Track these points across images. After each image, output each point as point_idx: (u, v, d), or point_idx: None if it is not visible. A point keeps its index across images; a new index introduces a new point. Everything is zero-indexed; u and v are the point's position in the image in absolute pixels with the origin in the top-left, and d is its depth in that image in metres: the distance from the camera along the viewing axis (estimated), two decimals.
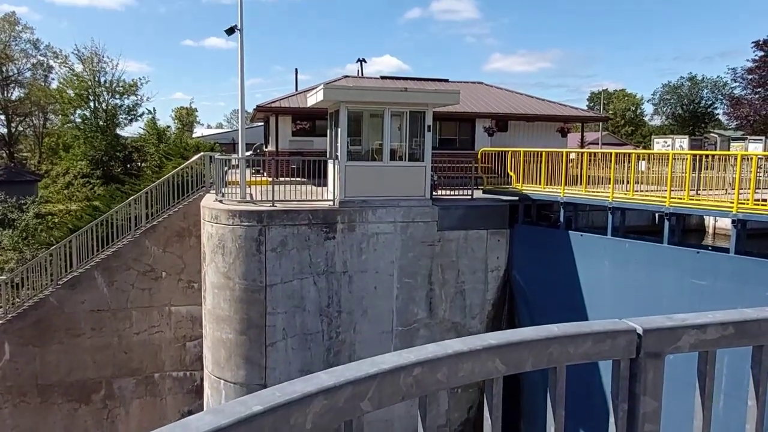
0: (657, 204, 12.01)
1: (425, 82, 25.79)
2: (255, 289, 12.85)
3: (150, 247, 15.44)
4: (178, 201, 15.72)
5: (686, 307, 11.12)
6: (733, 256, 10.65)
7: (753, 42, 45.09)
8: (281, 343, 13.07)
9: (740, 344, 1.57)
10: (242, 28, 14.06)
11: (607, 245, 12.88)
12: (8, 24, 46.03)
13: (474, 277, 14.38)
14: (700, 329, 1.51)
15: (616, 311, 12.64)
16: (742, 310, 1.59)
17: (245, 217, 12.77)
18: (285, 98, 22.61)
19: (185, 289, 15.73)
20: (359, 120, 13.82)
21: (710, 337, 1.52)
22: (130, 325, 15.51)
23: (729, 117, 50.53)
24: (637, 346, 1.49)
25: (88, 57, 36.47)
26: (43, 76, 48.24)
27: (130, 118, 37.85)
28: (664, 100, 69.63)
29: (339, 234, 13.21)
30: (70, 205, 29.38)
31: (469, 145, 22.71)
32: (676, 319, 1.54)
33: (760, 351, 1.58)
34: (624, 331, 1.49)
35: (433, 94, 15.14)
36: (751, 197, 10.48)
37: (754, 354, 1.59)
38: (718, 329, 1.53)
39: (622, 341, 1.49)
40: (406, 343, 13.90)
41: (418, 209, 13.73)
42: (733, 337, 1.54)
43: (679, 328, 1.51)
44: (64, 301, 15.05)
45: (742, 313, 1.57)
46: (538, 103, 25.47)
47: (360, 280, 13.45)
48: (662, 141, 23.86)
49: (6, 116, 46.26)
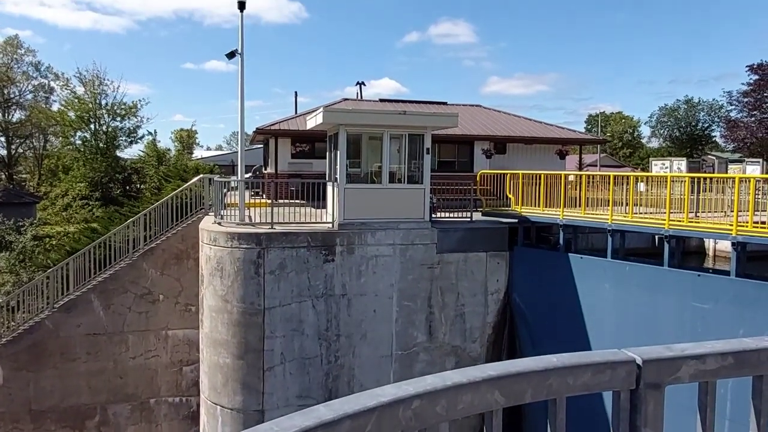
0: (656, 226, 12.01)
1: (424, 105, 26.04)
2: (253, 312, 12.76)
3: (148, 269, 15.37)
4: (176, 223, 15.71)
5: (688, 331, 11.07)
6: (734, 279, 10.61)
7: (747, 66, 45.83)
8: (279, 367, 12.92)
9: (740, 374, 1.57)
10: (243, 52, 14.25)
11: (607, 268, 12.84)
12: (11, 47, 46.69)
13: (474, 299, 14.30)
14: (699, 359, 1.51)
15: (617, 335, 12.54)
16: (741, 340, 1.58)
17: (244, 239, 12.75)
18: (284, 120, 22.79)
19: (182, 313, 15.62)
20: (358, 142, 13.90)
21: (710, 368, 1.52)
22: (126, 349, 15.35)
23: (726, 139, 50.95)
24: (636, 377, 1.48)
25: (89, 80, 36.88)
26: (45, 98, 48.75)
27: (131, 140, 38.10)
28: (662, 123, 70.31)
29: (338, 256, 13.17)
30: (69, 227, 29.36)
31: (468, 167, 22.82)
32: (675, 349, 1.54)
33: (760, 381, 1.57)
34: (623, 362, 1.49)
35: (432, 117, 15.27)
36: (750, 220, 10.49)
37: (754, 384, 1.58)
38: (718, 359, 1.53)
39: (622, 372, 1.48)
40: (405, 367, 13.75)
41: (417, 232, 13.72)
42: (732, 368, 1.54)
43: (678, 359, 1.51)
44: (60, 324, 14.92)
45: (742, 343, 1.57)
46: (536, 126, 25.68)
47: (359, 304, 13.36)
48: (660, 163, 24.01)
49: (6, 138, 46.56)
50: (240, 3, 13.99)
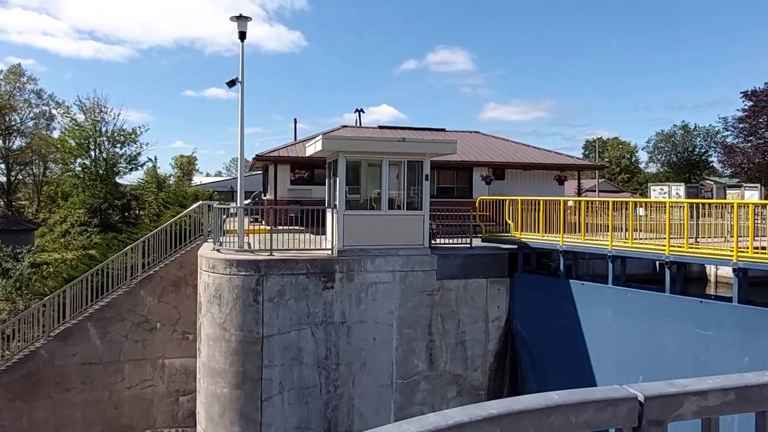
0: (657, 252, 11.98)
1: (423, 131, 26.29)
2: (251, 340, 12.62)
3: (145, 297, 15.27)
4: (175, 250, 15.66)
5: (691, 359, 10.94)
6: (736, 305, 10.53)
7: (742, 92, 46.49)
8: (277, 397, 12.71)
9: (742, 410, 1.56)
10: (243, 80, 14.44)
11: (608, 294, 12.76)
12: (14, 75, 47.38)
13: (475, 327, 14.17)
14: (701, 396, 1.51)
15: (620, 362, 12.39)
16: (743, 375, 1.58)
17: (243, 266, 12.70)
18: (284, 147, 22.97)
19: (180, 341, 15.44)
20: (357, 169, 13.97)
21: (712, 404, 1.52)
22: (121, 379, 15.13)
23: (723, 165, 51.32)
24: (639, 414, 1.48)
25: (90, 108, 37.27)
26: (46, 124, 49.26)
27: (131, 167, 38.30)
28: (659, 148, 70.93)
29: (337, 283, 13.10)
30: (66, 254, 29.26)
31: (467, 193, 22.91)
32: (677, 384, 1.53)
33: (763, 417, 1.56)
34: (625, 399, 1.48)
35: (431, 143, 15.39)
36: (750, 245, 10.46)
37: (757, 421, 1.57)
38: (720, 395, 1.52)
39: (624, 409, 1.47)
40: (406, 396, 13.53)
41: (417, 258, 13.68)
42: (735, 404, 1.53)
43: (680, 395, 1.50)
44: (55, 353, 14.73)
45: (744, 378, 1.56)
46: (534, 152, 25.88)
47: (359, 331, 13.23)
48: (659, 188, 24.07)
49: (6, 165, 46.85)
50: (241, 33, 14.25)
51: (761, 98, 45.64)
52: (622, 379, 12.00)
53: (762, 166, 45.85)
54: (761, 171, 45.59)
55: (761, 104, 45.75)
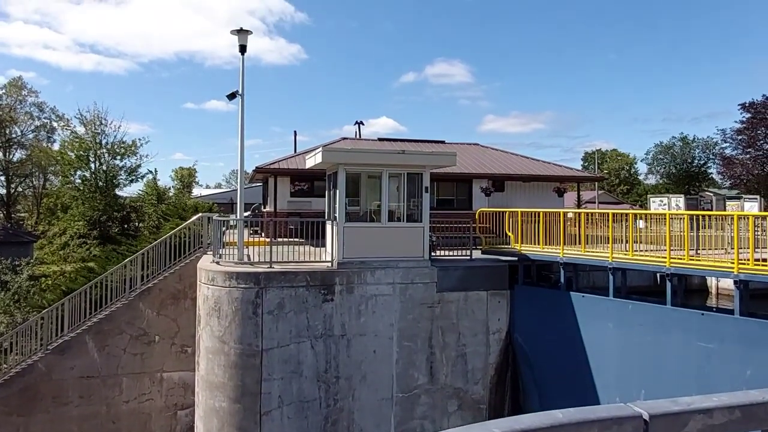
0: (658, 264, 11.94)
1: (422, 143, 26.36)
2: (250, 353, 12.53)
3: (144, 309, 15.19)
4: (174, 262, 15.61)
5: (693, 371, 10.85)
6: (738, 318, 10.47)
7: (740, 104, 46.77)
8: (276, 411, 12.59)
9: (748, 428, 1.54)
10: (243, 93, 14.50)
11: (609, 307, 12.70)
12: (15, 88, 47.61)
13: (475, 339, 14.08)
14: (706, 414, 1.49)
15: (621, 375, 12.29)
16: (747, 392, 1.56)
17: (242, 278, 12.64)
18: (284, 159, 23.01)
19: (178, 354, 15.33)
20: (357, 181, 13.98)
21: (717, 422, 1.50)
22: (119, 393, 14.99)
23: (722, 176, 51.44)
24: None
25: (90, 120, 37.37)
26: (47, 137, 49.40)
27: (131, 179, 38.31)
28: (658, 160, 71.08)
29: (337, 296, 13.04)
30: (65, 266, 29.16)
31: (466, 205, 22.91)
32: (681, 402, 1.51)
33: None
34: (630, 417, 1.45)
35: (430, 155, 15.41)
36: (751, 258, 10.44)
37: None
38: (725, 413, 1.51)
39: (629, 428, 1.45)
40: (406, 410, 13.41)
41: (417, 270, 13.63)
42: (740, 422, 1.51)
43: (685, 413, 1.48)
44: (53, 367, 14.62)
45: (748, 396, 1.54)
46: (533, 164, 25.94)
47: (359, 344, 13.14)
48: (658, 200, 24.08)
49: (6, 177, 46.90)
50: (241, 46, 14.33)
51: (759, 110, 45.89)
52: (624, 391, 11.91)
53: (761, 177, 45.96)
54: (760, 182, 45.68)
55: (759, 116, 46.00)
